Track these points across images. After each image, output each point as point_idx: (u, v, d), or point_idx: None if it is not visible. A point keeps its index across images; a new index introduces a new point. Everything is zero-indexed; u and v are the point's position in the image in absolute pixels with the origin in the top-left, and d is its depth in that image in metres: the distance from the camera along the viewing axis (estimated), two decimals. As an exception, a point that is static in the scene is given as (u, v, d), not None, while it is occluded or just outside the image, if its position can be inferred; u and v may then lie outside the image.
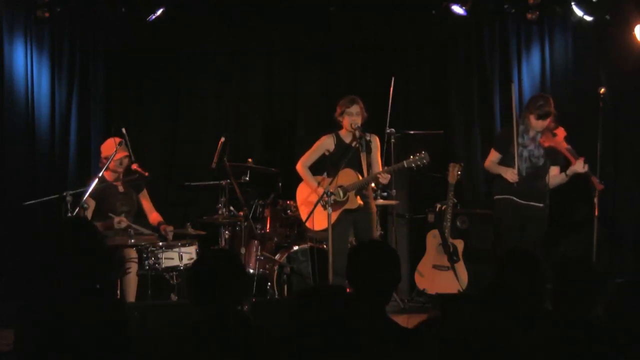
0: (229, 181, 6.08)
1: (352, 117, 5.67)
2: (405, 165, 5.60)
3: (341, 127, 5.77)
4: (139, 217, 6.09)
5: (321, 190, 5.59)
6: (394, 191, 6.57)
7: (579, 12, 6.75)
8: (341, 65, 7.41)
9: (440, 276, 6.49)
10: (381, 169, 5.71)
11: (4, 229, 6.40)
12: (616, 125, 6.66)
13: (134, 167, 5.76)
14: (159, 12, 6.73)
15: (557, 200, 6.88)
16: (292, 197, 6.27)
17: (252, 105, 7.39)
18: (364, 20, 7.22)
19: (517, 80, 7.04)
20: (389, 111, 6.46)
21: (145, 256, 5.60)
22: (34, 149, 6.73)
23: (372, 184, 5.85)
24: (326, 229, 5.45)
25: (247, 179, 6.49)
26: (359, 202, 5.65)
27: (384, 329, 2.67)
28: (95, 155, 6.67)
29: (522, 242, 5.69)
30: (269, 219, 6.44)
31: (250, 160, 6.55)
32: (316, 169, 5.95)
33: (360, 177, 5.64)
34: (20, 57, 6.65)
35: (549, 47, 7.02)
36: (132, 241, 5.44)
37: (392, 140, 6.52)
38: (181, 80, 7.30)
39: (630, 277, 5.83)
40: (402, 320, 5.17)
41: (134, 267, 5.59)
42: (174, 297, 5.59)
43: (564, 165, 5.80)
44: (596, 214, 5.91)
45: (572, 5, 6.77)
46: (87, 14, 6.90)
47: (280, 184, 6.65)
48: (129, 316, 2.76)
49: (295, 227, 6.44)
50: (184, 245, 5.76)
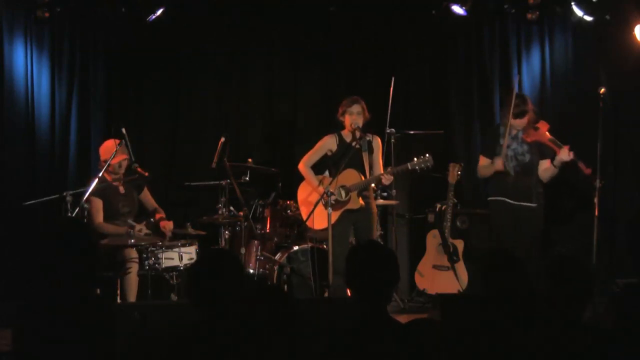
0: (229, 181, 6.08)
1: (352, 117, 5.67)
2: (409, 167, 5.61)
3: (344, 128, 5.78)
4: (140, 216, 6.10)
5: (322, 189, 5.59)
6: (394, 191, 6.58)
7: (579, 12, 6.75)
8: (341, 65, 7.41)
9: (440, 276, 6.49)
10: (382, 170, 5.71)
11: (3, 229, 6.40)
12: (616, 125, 6.66)
13: (134, 167, 5.76)
14: (159, 12, 6.73)
15: (555, 200, 6.91)
16: (292, 197, 6.28)
17: (252, 105, 7.39)
18: (364, 20, 7.22)
19: (517, 81, 7.04)
20: (389, 111, 6.46)
21: (145, 256, 5.60)
22: (34, 149, 6.73)
23: (373, 185, 5.85)
24: (326, 228, 5.46)
25: (247, 179, 6.49)
26: (361, 202, 5.65)
27: (386, 328, 2.67)
28: (95, 155, 6.67)
29: (518, 242, 5.70)
30: (269, 219, 6.44)
31: (250, 160, 6.56)
32: (317, 169, 5.95)
33: (362, 178, 5.65)
34: (20, 57, 6.65)
35: (549, 47, 7.02)
36: (132, 241, 5.45)
37: (392, 140, 6.53)
38: (181, 80, 7.30)
39: (630, 278, 5.86)
40: (402, 320, 5.17)
41: (134, 267, 5.59)
42: (174, 297, 5.59)
43: (553, 157, 5.79)
44: (596, 214, 5.91)
45: (572, 5, 6.77)
46: (87, 14, 6.90)
47: (280, 184, 6.65)
48: (115, 317, 2.75)
49: (295, 227, 6.44)
50: (184, 245, 5.76)
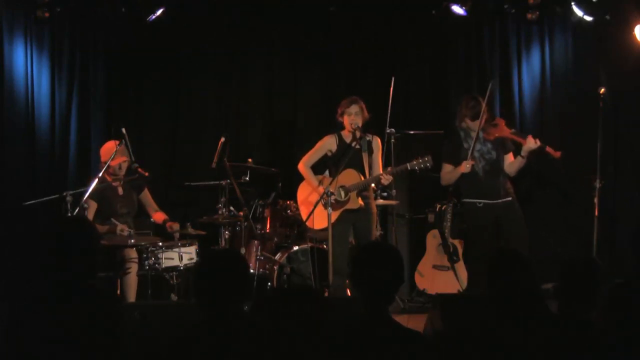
0: (229, 181, 6.08)
1: (351, 117, 5.67)
2: (408, 167, 5.61)
3: (344, 128, 5.79)
4: (140, 217, 6.10)
5: (322, 189, 5.60)
6: (394, 191, 6.58)
7: (579, 12, 6.75)
8: (341, 65, 7.41)
9: (440, 276, 6.49)
10: (381, 170, 5.71)
11: (4, 228, 6.40)
12: (616, 125, 6.66)
13: (134, 167, 5.76)
14: (159, 12, 6.74)
15: (554, 199, 6.93)
16: (292, 197, 6.28)
17: (252, 105, 7.39)
18: (364, 20, 7.22)
19: (517, 80, 7.05)
20: (389, 111, 6.46)
21: (145, 256, 5.60)
22: (34, 149, 6.72)
23: (373, 185, 5.85)
24: (326, 228, 5.46)
25: (247, 179, 6.49)
26: (360, 202, 5.65)
27: (387, 329, 2.67)
28: (95, 155, 6.67)
29: (503, 239, 5.71)
30: (269, 219, 6.44)
31: (250, 160, 6.56)
32: (318, 169, 5.95)
33: (362, 178, 5.65)
34: (20, 57, 6.65)
35: (549, 47, 7.02)
36: (132, 241, 5.45)
37: (392, 140, 6.53)
38: (181, 80, 7.30)
39: (630, 278, 5.86)
40: (402, 320, 5.17)
41: (134, 267, 5.59)
42: (174, 297, 5.59)
43: (515, 149, 5.79)
44: (596, 214, 5.92)
45: (572, 5, 6.77)
46: (87, 14, 6.90)
47: (280, 184, 6.65)
48: (124, 316, 2.75)
49: (295, 227, 6.44)
50: (184, 245, 5.76)
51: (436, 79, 7.41)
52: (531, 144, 5.58)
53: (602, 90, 6.01)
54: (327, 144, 5.84)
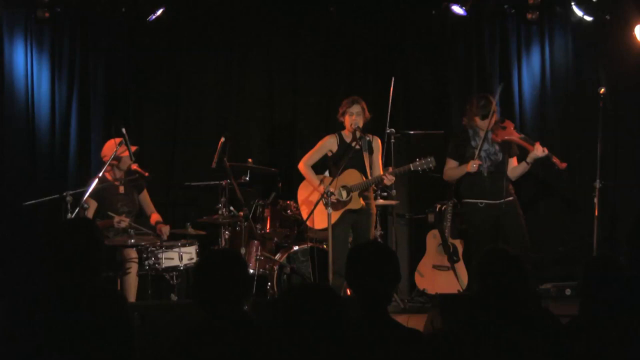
0: (229, 181, 6.08)
1: (352, 118, 5.67)
2: (411, 168, 5.60)
3: (344, 128, 5.79)
4: (140, 217, 6.10)
5: (323, 189, 5.60)
6: (394, 191, 6.58)
7: (579, 12, 6.76)
8: (341, 65, 7.41)
9: (440, 276, 6.49)
10: (381, 171, 5.71)
11: (3, 228, 6.40)
12: (616, 125, 6.66)
13: (134, 167, 5.77)
14: (159, 12, 6.74)
15: (553, 199, 6.93)
16: (292, 197, 6.28)
17: (252, 105, 7.38)
18: (364, 20, 7.22)
19: (517, 80, 7.05)
20: (389, 111, 6.46)
21: (145, 256, 5.60)
22: (34, 149, 6.73)
23: (373, 185, 5.85)
24: (327, 228, 5.46)
25: (247, 179, 6.49)
26: (362, 202, 5.65)
27: (386, 328, 2.67)
28: (95, 155, 6.67)
29: (504, 238, 5.70)
30: (269, 219, 6.44)
31: (250, 160, 6.55)
32: (317, 169, 5.95)
33: (364, 178, 5.65)
34: (20, 57, 6.66)
35: (549, 47, 7.03)
36: (132, 241, 5.45)
37: (392, 140, 6.52)
38: (181, 80, 7.29)
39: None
40: (402, 320, 5.16)
41: (134, 268, 5.59)
42: (174, 297, 5.59)
43: (520, 154, 5.79)
44: (596, 213, 5.91)
45: (572, 5, 6.78)
46: (87, 14, 6.90)
47: (280, 184, 6.65)
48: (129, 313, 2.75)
49: (295, 227, 6.44)
50: (184, 245, 5.76)
51: (436, 79, 7.41)
52: (538, 151, 5.57)
53: (602, 90, 6.01)
54: (328, 144, 5.84)
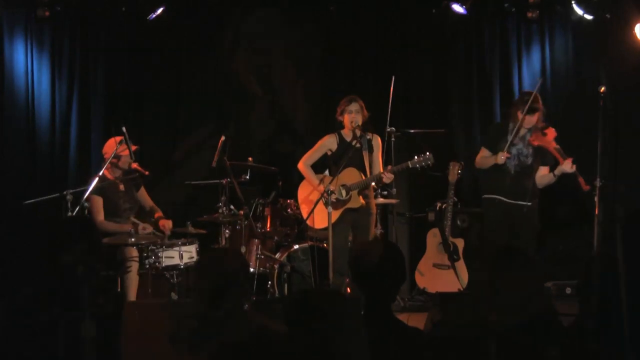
0: (229, 180, 6.08)
1: (351, 116, 5.67)
2: (410, 165, 5.60)
3: (344, 127, 5.78)
4: (140, 214, 6.10)
5: (322, 188, 5.59)
6: (394, 190, 6.57)
7: (579, 11, 6.77)
8: (341, 64, 7.41)
9: (440, 275, 6.49)
10: (381, 169, 5.71)
11: (3, 228, 6.40)
12: (616, 124, 6.65)
13: (134, 166, 5.77)
14: (159, 11, 6.74)
15: (553, 199, 6.92)
16: (293, 195, 6.27)
17: (252, 104, 7.37)
18: (363, 19, 7.22)
19: (517, 78, 7.05)
20: (389, 110, 6.46)
21: (145, 255, 5.59)
22: (34, 148, 6.73)
23: (373, 184, 5.85)
24: (326, 228, 5.45)
25: (247, 177, 6.49)
26: (362, 201, 5.65)
27: (389, 327, 2.67)
28: (95, 154, 6.68)
29: (513, 241, 5.70)
30: (269, 217, 6.44)
31: (250, 159, 6.55)
32: (317, 168, 5.95)
33: (363, 177, 5.65)
34: (20, 56, 6.66)
35: (549, 46, 7.03)
36: (132, 240, 5.45)
37: (393, 139, 6.52)
38: (181, 80, 7.29)
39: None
40: (402, 318, 5.16)
41: (134, 266, 5.59)
42: (174, 296, 5.59)
43: (553, 165, 5.81)
44: (596, 212, 5.90)
45: (572, 3, 6.78)
46: (87, 13, 6.90)
47: (280, 183, 6.65)
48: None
49: (295, 226, 6.44)
50: (184, 244, 5.75)
51: (436, 78, 7.41)
52: (567, 167, 5.61)
53: (602, 88, 6.00)
54: (328, 143, 5.83)
